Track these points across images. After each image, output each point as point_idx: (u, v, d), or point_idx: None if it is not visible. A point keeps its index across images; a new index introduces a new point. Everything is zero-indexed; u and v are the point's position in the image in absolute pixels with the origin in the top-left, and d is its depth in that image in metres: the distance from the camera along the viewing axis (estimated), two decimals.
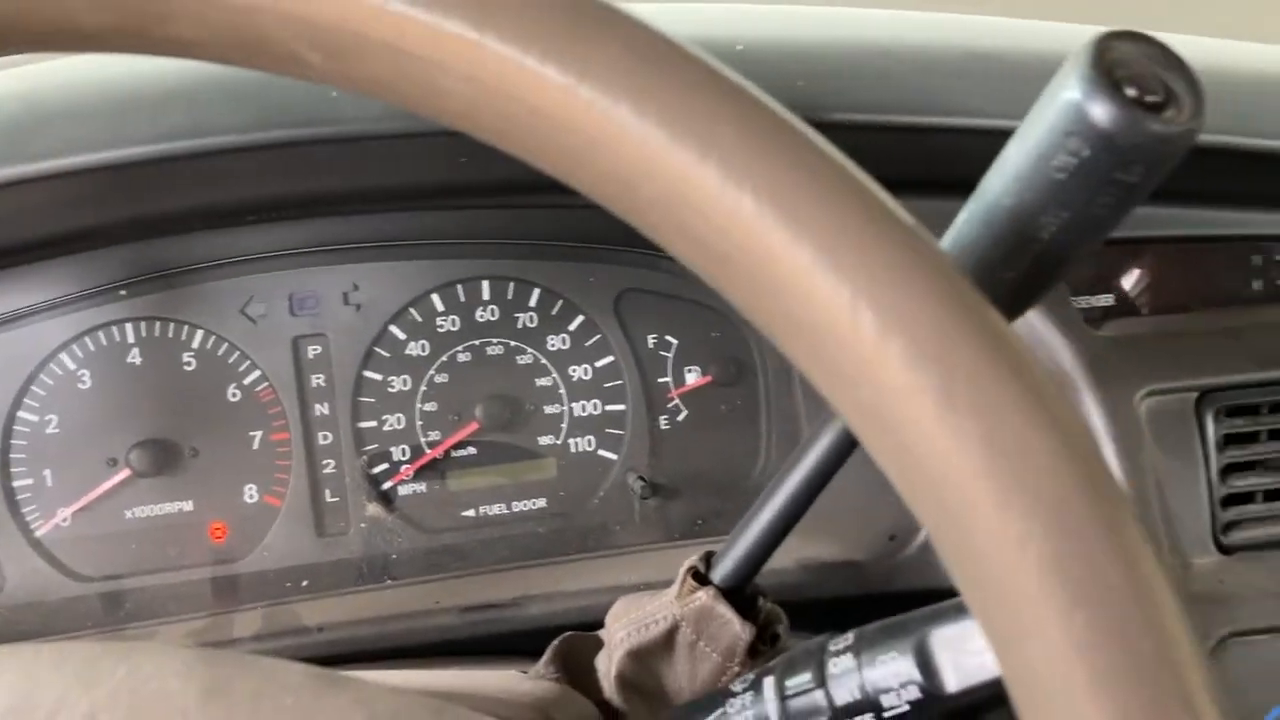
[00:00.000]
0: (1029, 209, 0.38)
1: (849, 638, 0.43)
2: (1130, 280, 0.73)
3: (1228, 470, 0.68)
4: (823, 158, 0.26)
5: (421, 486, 0.81)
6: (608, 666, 0.55)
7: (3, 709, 0.30)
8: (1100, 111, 0.35)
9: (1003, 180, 0.39)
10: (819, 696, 0.42)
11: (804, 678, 0.42)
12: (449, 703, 0.33)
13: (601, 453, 0.83)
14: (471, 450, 0.82)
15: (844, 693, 0.41)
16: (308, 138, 0.60)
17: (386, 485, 0.81)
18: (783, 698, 0.43)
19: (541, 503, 0.82)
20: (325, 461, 0.80)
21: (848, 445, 0.52)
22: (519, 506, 0.82)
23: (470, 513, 0.81)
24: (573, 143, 0.27)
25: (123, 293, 0.78)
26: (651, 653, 0.53)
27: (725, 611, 0.52)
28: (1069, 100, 0.36)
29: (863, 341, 0.24)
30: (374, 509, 0.79)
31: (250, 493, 0.80)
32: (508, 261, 0.82)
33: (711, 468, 0.83)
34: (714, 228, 0.26)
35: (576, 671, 0.56)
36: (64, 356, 0.79)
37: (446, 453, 0.81)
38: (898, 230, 0.25)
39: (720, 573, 0.53)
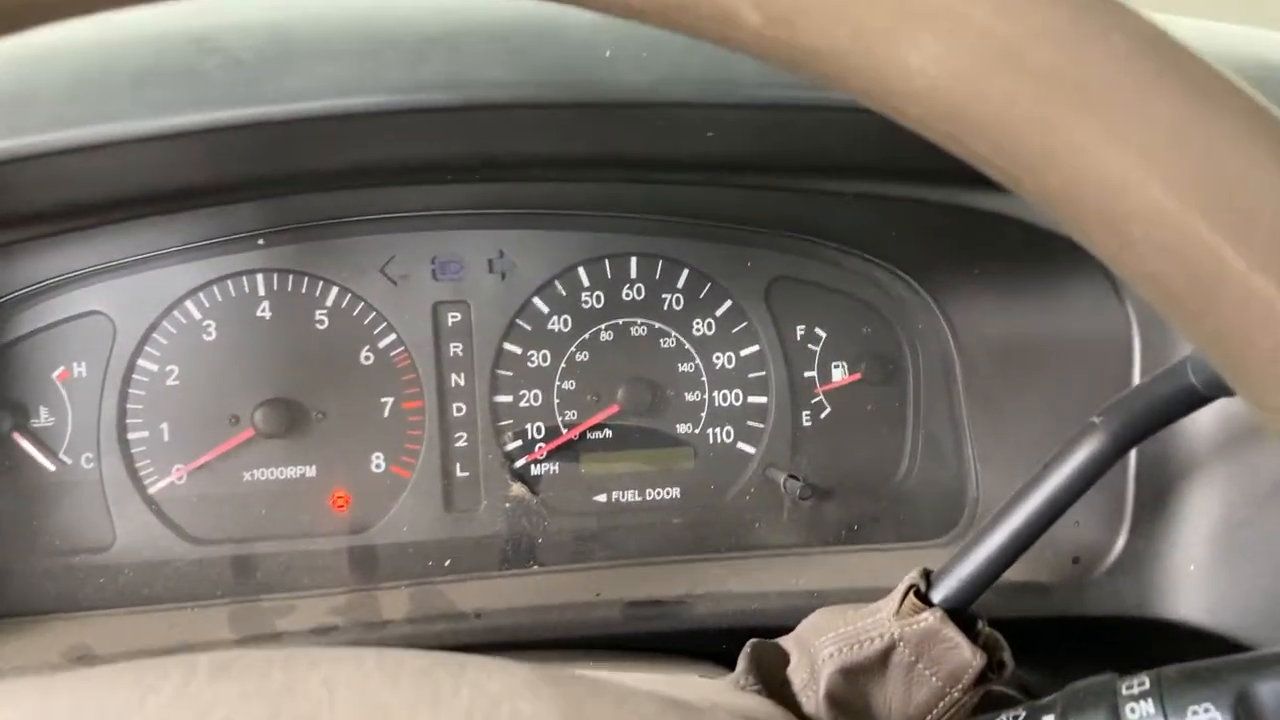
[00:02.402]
0: None
1: (1144, 681, 0.40)
2: None
3: None
4: None
5: (554, 467, 0.78)
6: (806, 680, 0.52)
7: None
8: None
9: None
10: None
11: None
12: None
13: (740, 445, 0.79)
14: (608, 433, 0.78)
15: None
16: (511, 100, 0.56)
17: (519, 463, 0.77)
18: None
19: (675, 493, 0.79)
20: (458, 434, 0.77)
21: (1100, 466, 0.49)
22: (653, 495, 0.78)
23: (602, 498, 0.78)
24: (1026, 139, 0.24)
25: (260, 241, 0.74)
26: (863, 671, 0.50)
27: (954, 635, 0.49)
28: None
29: None
30: (519, 489, 0.75)
31: (377, 461, 0.76)
32: (657, 239, 0.78)
33: (852, 470, 0.80)
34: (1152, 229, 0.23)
35: (769, 681, 0.53)
36: (190, 305, 0.75)
37: (582, 434, 0.78)
38: None
39: (943, 592, 0.50)
